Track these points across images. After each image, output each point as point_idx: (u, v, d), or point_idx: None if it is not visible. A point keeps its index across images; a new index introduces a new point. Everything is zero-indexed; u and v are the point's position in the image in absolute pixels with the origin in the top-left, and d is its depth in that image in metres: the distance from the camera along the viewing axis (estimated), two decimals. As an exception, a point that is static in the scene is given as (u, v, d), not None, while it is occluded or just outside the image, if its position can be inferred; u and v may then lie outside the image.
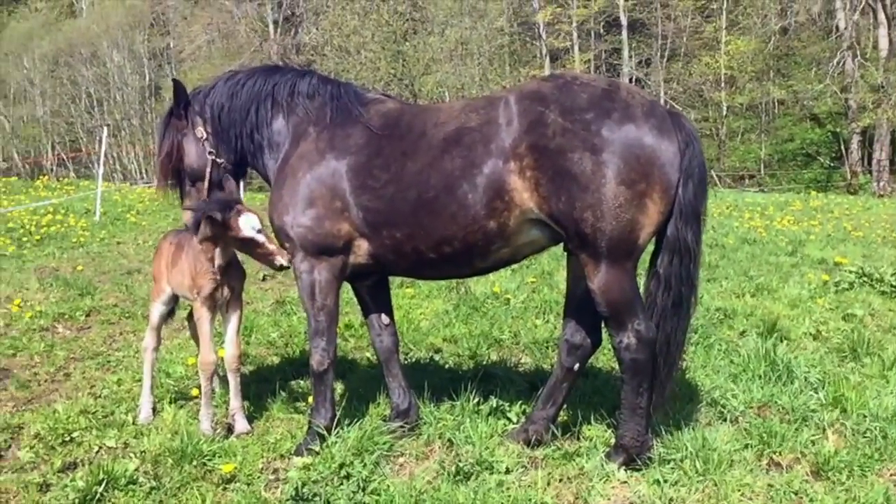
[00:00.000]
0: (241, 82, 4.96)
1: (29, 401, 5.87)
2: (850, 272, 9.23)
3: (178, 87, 4.99)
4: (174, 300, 5.56)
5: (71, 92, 54.62)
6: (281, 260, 4.61)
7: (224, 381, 5.50)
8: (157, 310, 5.53)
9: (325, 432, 4.67)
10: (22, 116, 57.23)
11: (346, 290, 5.22)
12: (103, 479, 4.20)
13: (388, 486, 4.13)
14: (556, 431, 4.71)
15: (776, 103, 41.86)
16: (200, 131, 4.95)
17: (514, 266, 8.97)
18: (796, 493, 4.04)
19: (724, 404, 5.18)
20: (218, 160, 4.96)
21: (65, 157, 50.77)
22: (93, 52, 53.64)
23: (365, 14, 33.78)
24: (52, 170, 48.53)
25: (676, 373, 4.59)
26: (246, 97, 4.91)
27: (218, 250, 4.86)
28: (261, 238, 4.65)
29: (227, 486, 4.31)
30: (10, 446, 4.98)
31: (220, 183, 4.99)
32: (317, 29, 39.17)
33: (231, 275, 5.06)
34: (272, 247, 4.65)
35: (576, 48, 44.23)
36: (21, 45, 57.35)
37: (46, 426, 5.06)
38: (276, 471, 4.54)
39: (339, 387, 5.74)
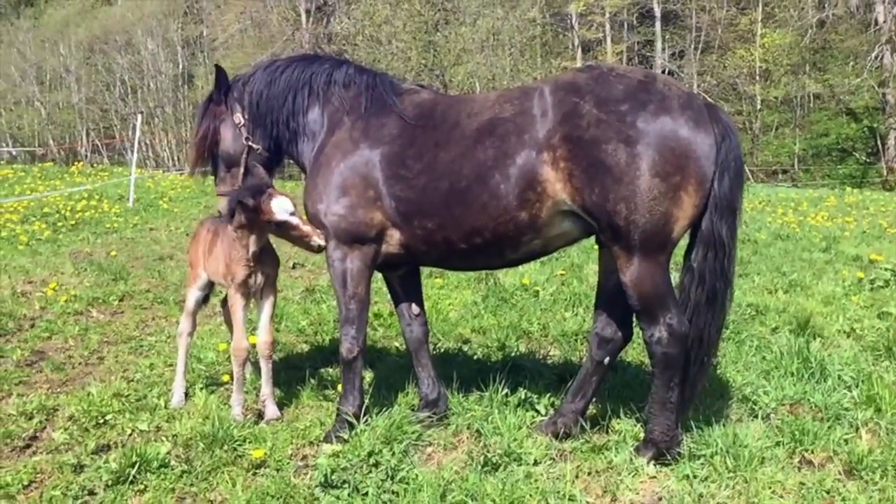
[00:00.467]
0: (279, 70, 5.00)
1: (63, 383, 5.97)
2: (886, 270, 9.08)
3: (220, 72, 5.05)
4: (210, 286, 5.62)
5: (105, 79, 55.19)
6: (318, 240, 4.60)
7: (255, 367, 5.55)
8: (192, 295, 5.59)
9: (353, 420, 4.69)
10: (57, 103, 57.92)
11: (376, 279, 5.23)
12: (136, 462, 4.27)
13: (417, 475, 4.14)
14: (584, 424, 4.70)
15: (811, 97, 41.19)
16: (238, 117, 5.00)
17: (544, 258, 8.95)
18: (828, 492, 3.99)
19: (755, 401, 5.13)
20: (254, 146, 5.00)
21: (99, 144, 51.36)
22: (127, 40, 54.16)
23: (396, 4, 33.78)
24: (86, 156, 49.14)
25: (708, 369, 4.53)
26: (283, 85, 4.95)
27: (253, 237, 4.88)
28: (294, 220, 4.64)
29: (257, 471, 4.36)
30: (45, 428, 5.07)
31: (251, 169, 5.02)
32: (348, 18, 39.22)
33: (265, 262, 5.09)
34: (307, 228, 4.64)
35: (608, 39, 43.87)
36: (57, 32, 58.12)
37: (80, 408, 5.15)
38: (305, 457, 4.58)
39: (367, 375, 5.76)
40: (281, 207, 4.66)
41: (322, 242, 4.61)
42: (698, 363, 4.34)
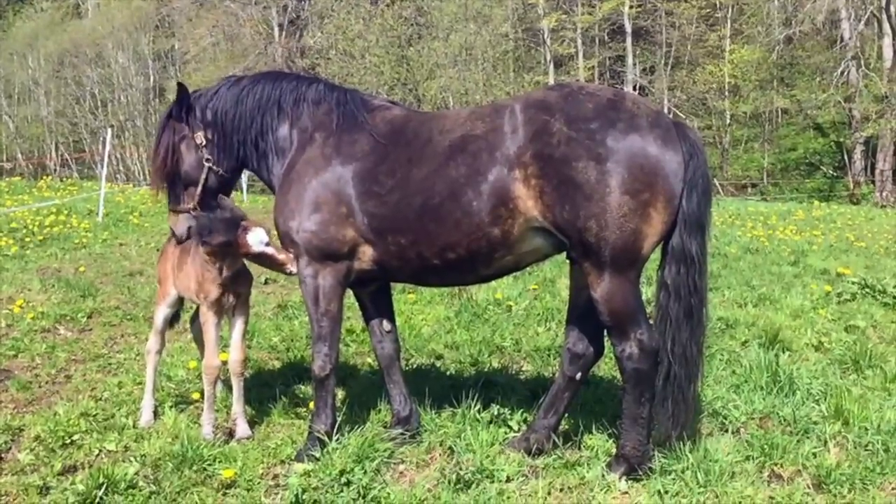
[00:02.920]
0: (245, 89, 4.95)
1: (30, 403, 5.86)
2: (853, 283, 9.22)
3: (182, 90, 4.97)
4: (179, 303, 5.55)
5: (75, 92, 54.62)
6: (291, 268, 4.62)
7: (226, 385, 5.49)
8: (161, 312, 5.52)
9: (325, 438, 4.66)
10: (26, 116, 57.26)
11: (348, 296, 5.22)
12: (103, 483, 4.20)
13: (389, 493, 4.12)
14: (557, 440, 4.70)
15: (779, 112, 41.82)
16: (200, 137, 4.92)
17: (517, 273, 8.98)
18: (798, 506, 4.03)
19: (725, 415, 5.18)
20: (214, 168, 4.95)
21: (68, 158, 50.83)
22: (98, 53, 53.64)
23: (369, 18, 33.88)
24: (55, 170, 48.58)
25: (697, 385, 4.52)
26: (251, 104, 4.90)
27: (225, 263, 4.86)
28: (270, 251, 4.65)
29: (227, 491, 4.31)
30: (10, 448, 4.97)
31: (220, 202, 4.93)
32: (321, 33, 39.19)
33: (238, 280, 5.05)
34: (282, 257, 4.63)
35: (580, 55, 44.23)
36: (26, 45, 57.44)
37: (47, 428, 5.05)
38: (276, 476, 4.54)
39: (340, 393, 5.73)
40: (257, 240, 4.65)
41: (295, 270, 4.61)
42: (688, 380, 4.34)
